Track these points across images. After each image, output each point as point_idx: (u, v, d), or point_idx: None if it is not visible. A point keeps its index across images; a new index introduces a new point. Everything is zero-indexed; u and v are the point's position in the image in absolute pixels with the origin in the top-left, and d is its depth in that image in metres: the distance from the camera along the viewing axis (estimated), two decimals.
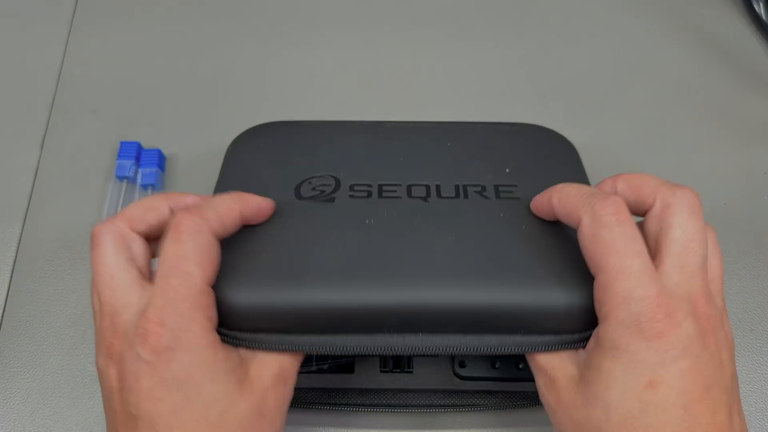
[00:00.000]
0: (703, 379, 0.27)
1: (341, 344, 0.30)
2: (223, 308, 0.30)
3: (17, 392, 0.39)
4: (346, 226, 0.33)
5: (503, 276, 0.31)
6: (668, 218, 0.29)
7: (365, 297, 0.30)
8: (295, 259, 0.31)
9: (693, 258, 0.28)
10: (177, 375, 0.27)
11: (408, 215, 0.33)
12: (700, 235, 0.29)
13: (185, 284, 0.28)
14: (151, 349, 0.27)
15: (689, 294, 0.28)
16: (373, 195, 0.34)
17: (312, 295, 0.30)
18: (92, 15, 0.54)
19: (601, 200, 0.28)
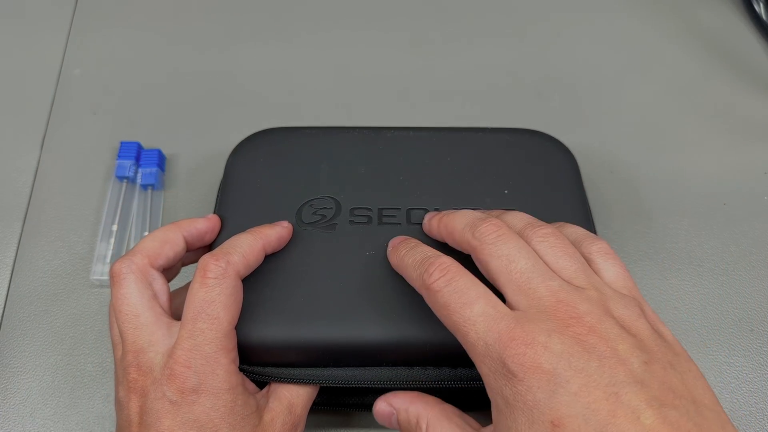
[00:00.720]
0: (603, 389, 0.23)
1: (343, 377, 0.33)
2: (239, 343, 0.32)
3: (17, 392, 0.39)
4: (348, 257, 0.34)
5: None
6: (482, 256, 0.29)
7: (362, 334, 0.32)
8: (301, 296, 0.33)
9: (521, 275, 0.27)
10: (199, 417, 0.28)
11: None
12: (514, 252, 0.28)
13: (212, 328, 0.29)
14: (177, 390, 0.28)
15: (544, 309, 0.26)
16: (373, 221, 0.36)
17: (317, 332, 0.32)
18: (92, 15, 0.54)
19: (426, 269, 0.28)
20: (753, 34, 0.53)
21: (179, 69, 0.51)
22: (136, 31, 0.53)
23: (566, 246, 0.29)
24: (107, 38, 0.53)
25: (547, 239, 0.29)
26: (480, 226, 0.29)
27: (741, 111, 0.50)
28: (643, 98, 0.50)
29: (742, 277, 0.43)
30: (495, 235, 0.29)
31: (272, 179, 0.38)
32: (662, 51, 0.53)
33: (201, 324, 0.29)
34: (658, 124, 0.49)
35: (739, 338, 0.41)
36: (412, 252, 0.31)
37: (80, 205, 0.45)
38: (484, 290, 0.27)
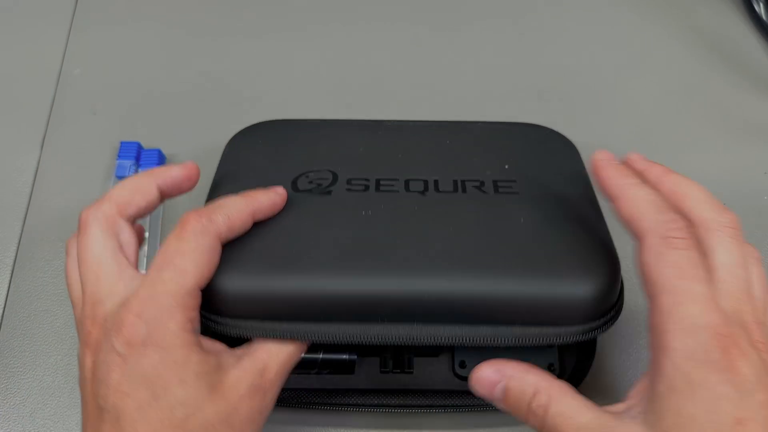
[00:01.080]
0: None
1: (334, 333, 0.30)
2: (216, 293, 0.30)
3: (17, 392, 0.39)
4: (342, 216, 0.33)
5: (498, 266, 0.31)
6: (712, 241, 0.28)
7: (358, 284, 0.30)
8: (290, 246, 0.31)
9: (740, 284, 0.27)
10: (146, 371, 0.27)
11: (405, 208, 0.34)
12: (743, 260, 0.28)
13: (175, 280, 0.28)
14: (125, 341, 0.27)
15: (742, 322, 0.26)
16: (371, 189, 0.35)
17: (305, 281, 0.30)
18: (92, 15, 0.54)
19: (670, 221, 0.28)
20: (753, 34, 0.53)
21: (179, 69, 0.51)
22: (137, 31, 0.53)
23: (762, 271, 0.29)
24: (107, 38, 0.53)
25: (757, 265, 0.30)
26: (726, 213, 0.29)
27: (741, 111, 0.50)
28: (642, 98, 0.50)
29: None
30: (736, 231, 0.28)
31: (268, 158, 0.37)
32: (662, 50, 0.53)
33: (165, 273, 0.28)
34: (657, 123, 0.49)
35: None
36: (645, 187, 0.29)
37: (80, 205, 0.45)
38: (709, 274, 0.27)
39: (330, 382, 0.37)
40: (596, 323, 0.31)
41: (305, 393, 0.37)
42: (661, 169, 0.31)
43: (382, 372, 0.38)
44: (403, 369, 0.38)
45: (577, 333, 0.30)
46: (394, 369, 0.38)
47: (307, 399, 0.37)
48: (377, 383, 0.37)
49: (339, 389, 0.37)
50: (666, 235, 0.27)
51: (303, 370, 0.36)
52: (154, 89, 0.50)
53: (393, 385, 0.37)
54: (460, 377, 0.37)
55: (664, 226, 0.27)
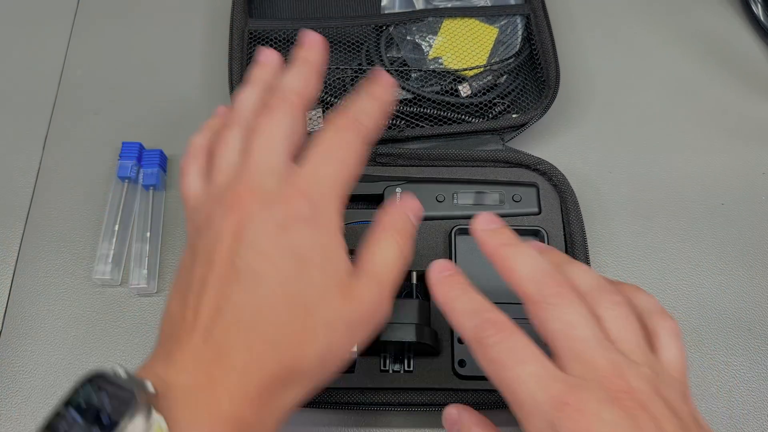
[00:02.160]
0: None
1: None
2: None
3: (19, 391, 0.40)
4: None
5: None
6: (541, 315, 0.28)
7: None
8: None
9: (581, 343, 0.27)
10: (299, 246, 0.28)
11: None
12: (577, 318, 0.27)
13: (338, 168, 0.30)
14: (288, 215, 0.29)
15: (596, 379, 0.26)
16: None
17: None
18: (94, 15, 0.54)
19: (482, 324, 0.28)
20: (751, 36, 0.53)
21: (181, 69, 0.52)
22: (138, 31, 0.53)
23: (632, 319, 0.29)
24: (109, 38, 0.53)
25: (615, 308, 0.29)
26: (546, 284, 0.29)
27: (739, 112, 0.50)
28: (641, 98, 0.51)
29: (740, 276, 0.43)
30: (559, 297, 0.28)
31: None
32: (661, 51, 0.53)
33: (330, 160, 0.30)
34: (656, 124, 0.49)
35: (737, 338, 0.41)
36: (465, 298, 0.30)
37: (82, 205, 0.46)
38: (538, 352, 0.27)
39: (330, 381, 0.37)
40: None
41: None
42: (495, 242, 0.31)
43: (381, 371, 0.38)
44: (402, 368, 0.38)
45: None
46: (393, 368, 0.38)
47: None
48: (377, 382, 0.38)
49: (339, 387, 0.37)
50: (478, 339, 0.28)
51: None
52: (156, 89, 0.51)
53: (393, 384, 0.38)
54: (459, 376, 0.38)
55: (475, 331, 0.28)
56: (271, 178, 0.30)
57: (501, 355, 0.27)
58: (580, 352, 0.27)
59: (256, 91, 0.34)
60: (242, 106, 0.34)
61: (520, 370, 0.26)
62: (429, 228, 0.42)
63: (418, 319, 0.38)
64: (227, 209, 0.29)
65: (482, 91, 0.47)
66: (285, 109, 0.32)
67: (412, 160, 0.44)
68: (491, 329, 0.28)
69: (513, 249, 0.31)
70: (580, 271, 0.31)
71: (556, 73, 0.47)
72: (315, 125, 0.46)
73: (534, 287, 0.29)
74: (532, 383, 0.26)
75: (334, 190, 0.30)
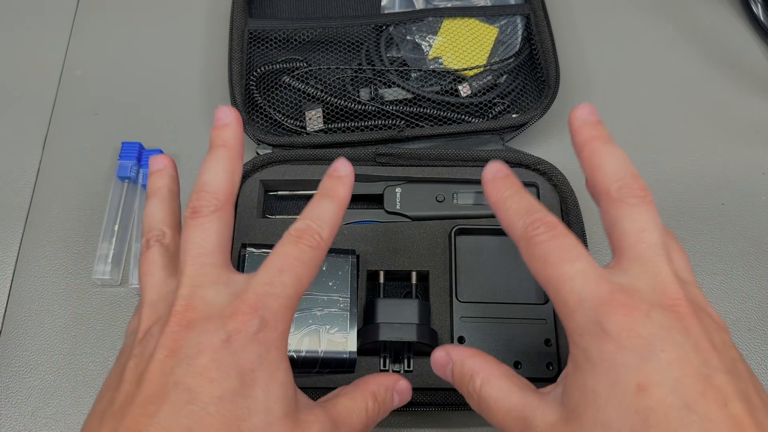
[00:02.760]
0: (696, 369, 0.24)
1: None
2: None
3: (19, 391, 0.40)
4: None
5: None
6: (615, 212, 0.28)
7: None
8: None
9: (648, 247, 0.27)
10: (243, 363, 0.26)
11: None
12: (652, 224, 0.27)
13: (294, 286, 0.28)
14: (234, 330, 0.27)
15: (653, 284, 0.26)
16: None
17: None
18: (94, 15, 0.54)
19: (532, 222, 0.28)
20: (751, 35, 0.53)
21: (181, 69, 0.52)
22: (138, 32, 0.53)
23: (681, 248, 0.31)
24: (109, 38, 0.53)
25: (669, 235, 0.30)
26: (628, 184, 0.28)
27: (739, 111, 0.50)
28: (641, 98, 0.51)
29: (739, 276, 0.43)
30: (639, 199, 0.28)
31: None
32: (660, 51, 0.53)
33: (285, 278, 0.28)
34: (655, 124, 0.49)
35: (737, 337, 0.41)
36: (517, 198, 0.29)
37: (82, 205, 0.46)
38: (586, 252, 0.27)
39: (330, 381, 0.37)
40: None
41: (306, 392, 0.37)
42: (588, 134, 0.31)
43: (381, 371, 0.38)
44: (402, 368, 0.38)
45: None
46: (393, 368, 0.38)
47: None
48: None
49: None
50: (528, 236, 0.28)
51: (303, 370, 0.37)
52: (156, 90, 0.51)
53: None
54: None
55: (526, 228, 0.28)
56: (214, 291, 0.28)
57: (549, 252, 0.27)
58: (645, 255, 0.27)
59: (160, 202, 0.33)
60: (150, 220, 0.33)
61: (568, 268, 0.26)
62: (429, 228, 0.42)
63: (418, 319, 0.38)
64: (164, 325, 0.27)
65: (482, 91, 0.47)
66: (210, 215, 0.30)
67: (412, 160, 0.44)
68: (542, 227, 0.27)
69: (606, 145, 0.30)
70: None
71: (556, 73, 0.47)
72: (315, 125, 0.46)
73: (615, 184, 0.28)
74: (579, 280, 0.26)
75: (286, 308, 0.28)
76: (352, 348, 0.36)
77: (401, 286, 0.42)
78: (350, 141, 0.45)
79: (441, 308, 0.39)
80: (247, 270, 0.37)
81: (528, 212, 0.28)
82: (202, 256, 0.29)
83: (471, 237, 0.42)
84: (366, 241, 0.41)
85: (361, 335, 0.37)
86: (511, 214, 0.29)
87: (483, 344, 0.38)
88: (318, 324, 0.37)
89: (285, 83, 0.48)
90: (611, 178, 0.29)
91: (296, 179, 0.44)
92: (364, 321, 0.39)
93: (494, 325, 0.39)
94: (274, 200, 0.45)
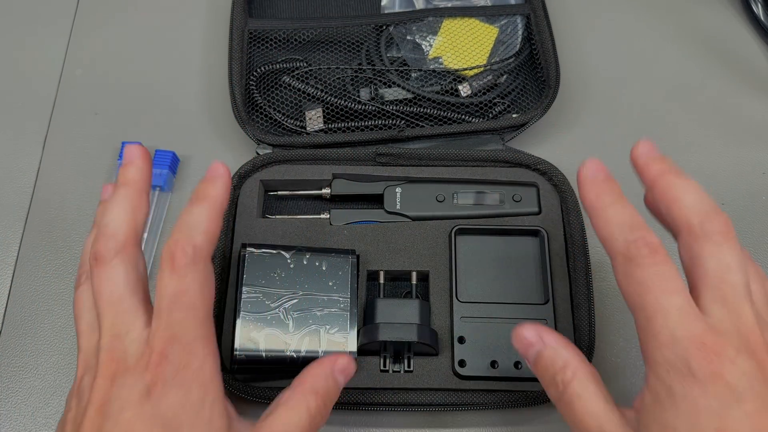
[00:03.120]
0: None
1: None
2: None
3: (19, 391, 0.40)
4: None
5: None
6: (698, 249, 0.27)
7: None
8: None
9: (732, 289, 0.27)
10: (165, 413, 0.27)
11: None
12: (736, 263, 0.27)
13: (189, 317, 0.28)
14: (150, 381, 0.27)
15: (737, 327, 0.26)
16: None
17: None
18: (94, 15, 0.54)
19: (636, 240, 0.27)
20: (751, 35, 0.53)
21: (181, 69, 0.52)
22: (138, 32, 0.53)
23: (762, 275, 0.30)
24: (109, 38, 0.53)
25: (749, 262, 0.29)
26: (712, 219, 0.27)
27: (739, 111, 0.50)
28: (641, 98, 0.51)
29: None
30: (723, 236, 0.27)
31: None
32: (661, 51, 0.53)
33: (177, 314, 0.27)
34: (656, 124, 0.49)
35: None
36: (619, 207, 0.29)
37: (82, 205, 0.46)
38: (684, 286, 0.27)
39: None
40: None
41: None
42: (659, 168, 0.30)
43: (381, 371, 0.38)
44: (402, 368, 0.38)
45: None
46: (393, 368, 0.38)
47: None
48: (377, 382, 0.38)
49: None
50: (630, 255, 0.27)
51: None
52: (156, 90, 0.51)
53: (393, 384, 0.38)
54: (459, 376, 0.38)
55: (628, 246, 0.27)
56: (129, 340, 0.28)
57: (650, 278, 0.27)
58: (729, 297, 0.26)
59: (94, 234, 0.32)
60: (83, 255, 0.33)
61: (666, 300, 0.26)
62: (429, 228, 0.42)
63: (418, 319, 0.38)
64: (96, 376, 0.28)
65: (482, 90, 0.47)
66: (112, 258, 0.29)
67: (412, 160, 0.44)
68: (646, 249, 0.27)
69: (680, 179, 0.29)
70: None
71: (556, 73, 0.47)
72: (315, 125, 0.46)
73: (698, 220, 0.27)
74: (675, 316, 0.26)
75: (194, 340, 0.28)
76: (352, 348, 0.36)
77: (401, 286, 0.42)
78: (350, 141, 0.45)
79: (441, 308, 0.39)
80: (247, 270, 0.38)
81: (632, 228, 0.28)
82: (114, 304, 0.29)
83: (471, 237, 0.42)
84: (366, 241, 0.41)
85: (361, 335, 0.37)
86: (612, 226, 0.28)
87: (483, 344, 0.38)
88: (318, 324, 0.37)
89: (285, 83, 0.48)
90: (693, 212, 0.28)
91: (296, 179, 0.44)
92: (364, 321, 0.39)
93: (494, 325, 0.39)
94: (274, 200, 0.45)
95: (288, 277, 0.37)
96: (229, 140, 0.48)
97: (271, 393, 0.36)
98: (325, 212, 0.43)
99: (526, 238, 0.42)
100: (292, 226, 0.42)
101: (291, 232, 0.42)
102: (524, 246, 0.42)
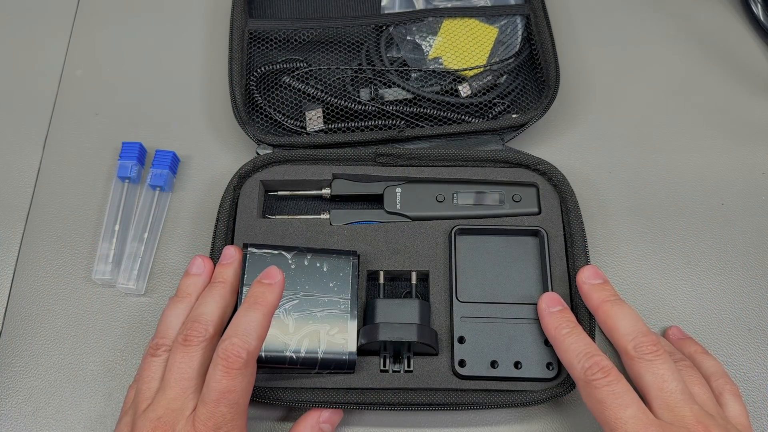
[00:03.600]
0: None
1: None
2: None
3: (19, 391, 0.40)
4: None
5: None
6: (636, 368, 0.34)
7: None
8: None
9: (671, 395, 0.32)
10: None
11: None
12: (669, 374, 0.33)
13: (232, 412, 0.32)
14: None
15: (684, 425, 0.31)
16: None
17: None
18: (94, 15, 0.54)
19: (590, 366, 0.33)
20: (751, 35, 0.53)
21: (181, 69, 0.52)
22: (138, 32, 0.53)
23: (700, 378, 0.36)
24: (109, 39, 0.53)
25: (686, 369, 0.36)
26: (642, 342, 0.34)
27: (739, 111, 0.50)
28: (641, 98, 0.51)
29: (739, 276, 0.43)
30: (654, 355, 0.34)
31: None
32: (660, 51, 0.53)
33: (222, 408, 0.31)
34: (656, 124, 0.49)
35: (737, 337, 0.41)
36: (576, 337, 0.35)
37: (82, 205, 0.46)
38: (636, 397, 0.32)
39: (330, 381, 0.37)
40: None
41: (306, 392, 0.37)
42: (598, 297, 0.37)
43: (381, 371, 0.38)
44: (402, 368, 0.38)
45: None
46: (393, 368, 0.38)
47: (307, 398, 0.37)
48: (377, 382, 0.38)
49: (339, 388, 0.37)
50: (587, 380, 0.33)
51: (303, 370, 0.37)
52: (156, 90, 0.51)
53: (393, 384, 0.38)
54: (459, 376, 0.38)
55: (585, 372, 0.33)
56: (183, 423, 0.32)
57: (607, 397, 0.32)
58: (670, 402, 0.32)
59: (183, 310, 0.37)
60: (167, 326, 0.36)
61: (622, 413, 0.32)
62: (429, 228, 0.42)
63: (418, 319, 0.38)
64: (146, 429, 0.32)
65: (482, 91, 0.47)
66: (198, 345, 0.34)
67: (412, 160, 0.44)
68: (600, 372, 0.33)
69: (617, 307, 0.36)
70: (662, 339, 0.40)
71: (556, 73, 0.47)
72: (315, 125, 0.46)
73: (632, 344, 0.34)
74: (631, 424, 0.31)
75: (233, 428, 0.32)
76: (351, 349, 0.36)
77: (401, 286, 0.42)
78: (350, 141, 0.45)
79: (441, 308, 0.40)
80: (248, 270, 0.38)
81: (586, 355, 0.34)
82: (184, 381, 0.33)
83: (471, 237, 0.42)
84: (366, 241, 0.41)
85: (361, 335, 0.37)
86: (570, 355, 0.35)
87: (483, 344, 0.38)
88: (318, 325, 0.37)
89: (285, 83, 0.48)
90: (628, 338, 0.34)
91: (296, 179, 0.44)
92: (365, 321, 0.39)
93: (494, 325, 0.39)
94: (274, 200, 0.45)
95: (289, 278, 0.38)
96: (229, 140, 0.48)
97: (271, 393, 0.37)
98: (325, 212, 0.43)
99: (526, 238, 0.42)
100: (292, 227, 0.42)
101: (291, 233, 0.42)
102: (524, 246, 0.42)
